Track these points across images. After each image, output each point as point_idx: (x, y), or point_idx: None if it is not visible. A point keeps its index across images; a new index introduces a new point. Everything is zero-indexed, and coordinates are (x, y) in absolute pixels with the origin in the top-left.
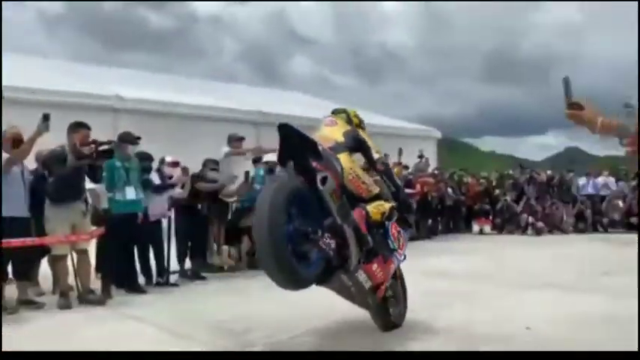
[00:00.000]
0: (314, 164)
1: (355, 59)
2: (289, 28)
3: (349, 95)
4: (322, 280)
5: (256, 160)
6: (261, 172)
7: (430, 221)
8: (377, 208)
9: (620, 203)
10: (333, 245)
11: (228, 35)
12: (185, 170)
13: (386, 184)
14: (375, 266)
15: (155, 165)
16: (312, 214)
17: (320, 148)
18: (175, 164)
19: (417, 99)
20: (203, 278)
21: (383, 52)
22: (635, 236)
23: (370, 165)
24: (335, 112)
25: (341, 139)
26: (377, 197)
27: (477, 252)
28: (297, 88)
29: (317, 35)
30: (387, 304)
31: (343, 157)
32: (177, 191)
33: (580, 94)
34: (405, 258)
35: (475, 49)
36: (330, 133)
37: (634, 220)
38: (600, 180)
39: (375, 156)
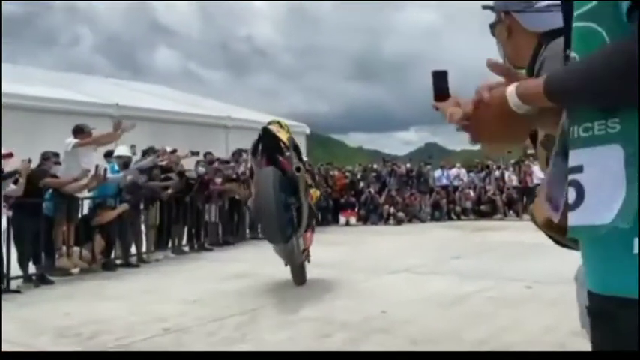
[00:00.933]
0: (280, 158)
1: (223, 53)
2: (152, 19)
3: (217, 89)
4: (287, 239)
5: (108, 155)
6: (116, 168)
7: None
8: (315, 194)
9: (471, 193)
10: (295, 215)
11: (86, 25)
12: (27, 162)
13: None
14: (308, 234)
15: None
16: (285, 192)
17: (284, 148)
18: (8, 156)
19: (286, 95)
20: (51, 282)
21: (251, 47)
22: (484, 223)
23: (299, 158)
24: (271, 123)
25: (287, 142)
26: (309, 186)
27: (342, 243)
28: (162, 81)
29: (182, 28)
30: (303, 264)
31: (287, 139)
32: (11, 188)
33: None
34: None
35: (341, 48)
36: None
37: (483, 207)
38: (453, 172)
39: (305, 158)
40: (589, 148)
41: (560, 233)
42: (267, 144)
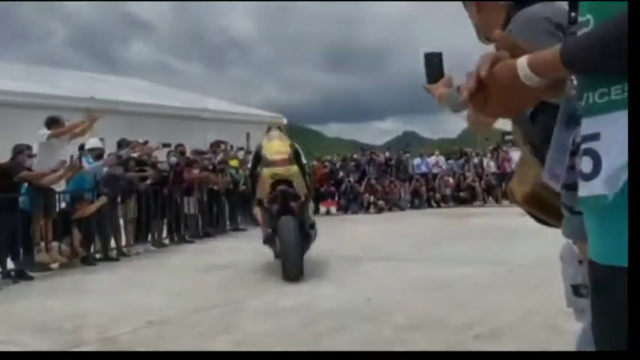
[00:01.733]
0: (293, 206)
1: (198, 45)
2: (126, 12)
3: (193, 82)
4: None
5: (81, 148)
6: (90, 160)
7: None
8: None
9: (450, 180)
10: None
11: (58, 18)
12: None
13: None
14: None
15: None
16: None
17: (294, 184)
18: None
19: (262, 86)
20: (30, 278)
21: (227, 39)
22: (463, 209)
23: (301, 169)
24: (271, 128)
25: (289, 151)
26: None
27: (323, 232)
28: (137, 74)
29: (157, 20)
30: None
31: (295, 168)
32: None
33: (411, 80)
34: None
35: (317, 37)
36: (283, 147)
37: (463, 194)
38: (432, 159)
39: (304, 161)
40: (606, 114)
41: (539, 209)
42: (283, 192)
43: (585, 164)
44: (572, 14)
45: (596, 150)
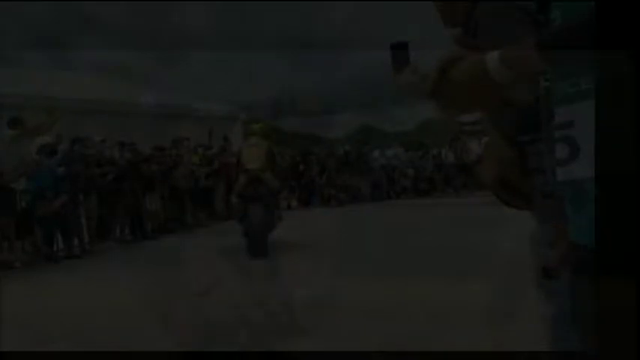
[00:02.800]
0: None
1: (155, 41)
2: (79, 9)
3: (152, 77)
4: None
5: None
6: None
7: None
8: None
9: (409, 171)
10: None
11: (9, 16)
12: None
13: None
14: None
15: None
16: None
17: (273, 189)
18: None
19: (220, 80)
20: None
21: (181, 34)
22: (423, 200)
23: (273, 170)
24: (252, 132)
25: (264, 159)
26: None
27: (286, 227)
28: (93, 71)
29: (111, 16)
30: None
31: (269, 174)
32: None
33: (368, 73)
34: None
35: (275, 30)
36: (257, 155)
37: (422, 185)
38: (391, 152)
39: (278, 160)
40: (578, 102)
41: (507, 192)
42: (256, 186)
43: (561, 150)
44: (543, 16)
45: (573, 136)
